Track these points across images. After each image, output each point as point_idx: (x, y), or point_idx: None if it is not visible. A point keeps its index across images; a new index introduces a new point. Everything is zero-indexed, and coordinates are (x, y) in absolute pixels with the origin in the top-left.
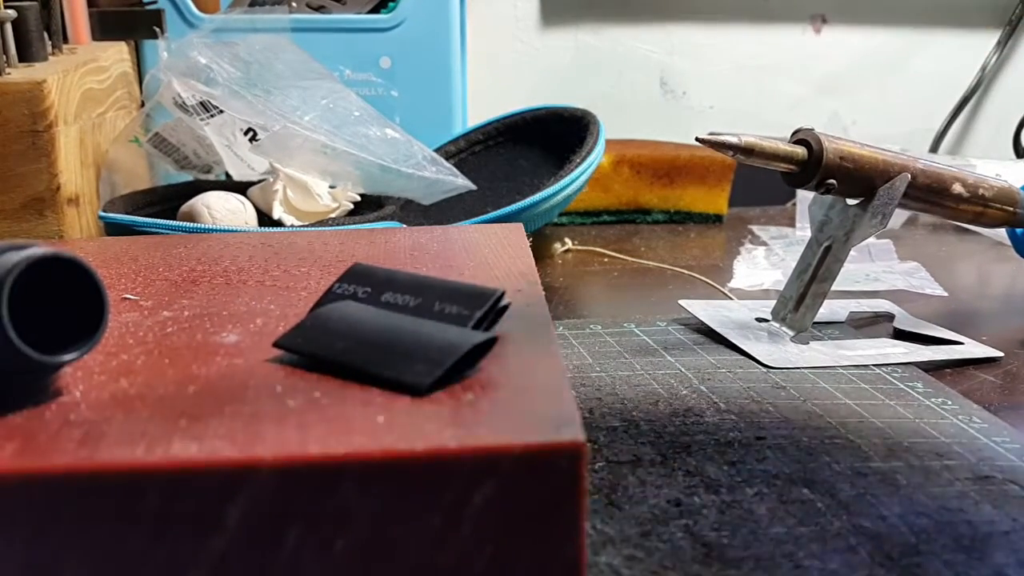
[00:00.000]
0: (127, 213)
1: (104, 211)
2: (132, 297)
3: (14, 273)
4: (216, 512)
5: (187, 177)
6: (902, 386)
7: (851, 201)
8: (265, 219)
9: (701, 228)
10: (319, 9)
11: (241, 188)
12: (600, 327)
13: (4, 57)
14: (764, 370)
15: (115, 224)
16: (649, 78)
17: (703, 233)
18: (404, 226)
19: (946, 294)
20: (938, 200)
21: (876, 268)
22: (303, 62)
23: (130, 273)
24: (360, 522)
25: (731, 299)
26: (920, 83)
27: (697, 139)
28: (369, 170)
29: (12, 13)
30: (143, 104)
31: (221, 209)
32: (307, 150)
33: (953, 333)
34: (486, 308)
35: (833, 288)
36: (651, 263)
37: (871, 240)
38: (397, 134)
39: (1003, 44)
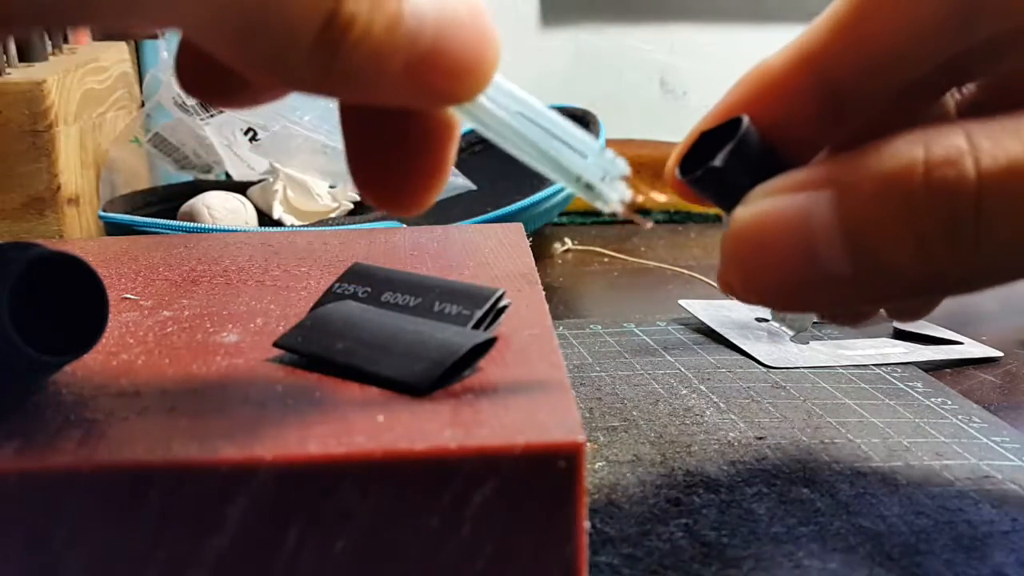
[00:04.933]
0: (127, 213)
1: (104, 211)
2: (132, 297)
3: (14, 273)
4: (216, 512)
5: (187, 177)
6: (902, 386)
7: None
8: (265, 219)
9: (701, 228)
10: None
11: (241, 188)
12: (600, 327)
13: (4, 57)
14: (764, 370)
15: (115, 224)
16: (649, 78)
17: (703, 233)
18: (404, 226)
19: None
20: None
21: None
22: None
23: (130, 273)
24: (360, 522)
25: (731, 299)
26: None
27: None
28: None
29: None
30: (143, 104)
31: (221, 209)
32: (307, 150)
33: (953, 333)
34: (486, 308)
35: None
36: (651, 263)
37: None
38: None
39: None
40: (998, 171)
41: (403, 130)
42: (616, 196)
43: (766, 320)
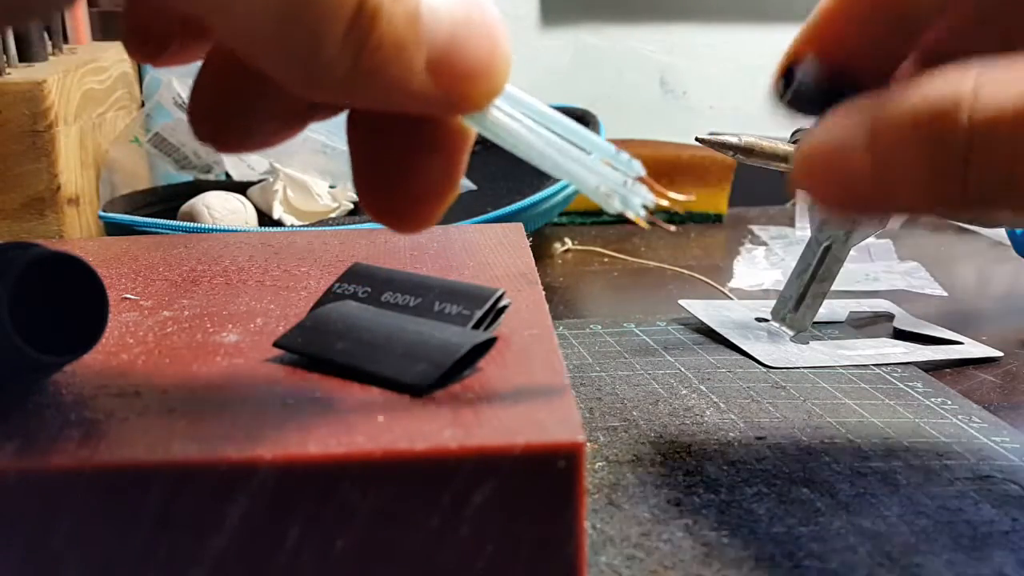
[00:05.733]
0: (127, 213)
1: (104, 211)
2: (132, 297)
3: (14, 273)
4: (216, 512)
5: (187, 177)
6: (902, 386)
7: None
8: (265, 219)
9: (701, 228)
10: None
11: (241, 188)
12: (600, 327)
13: (4, 57)
14: (764, 370)
15: (115, 224)
16: (649, 78)
17: (703, 233)
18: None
19: (946, 294)
20: None
21: (876, 268)
22: None
23: (130, 273)
24: (360, 522)
25: (731, 299)
26: None
27: (697, 139)
28: None
29: None
30: (143, 104)
31: (221, 209)
32: (307, 150)
33: (953, 333)
34: (486, 308)
35: (833, 288)
36: (651, 263)
37: (871, 240)
38: None
39: None
40: (993, 114)
41: (414, 142)
42: (639, 201)
43: (766, 320)
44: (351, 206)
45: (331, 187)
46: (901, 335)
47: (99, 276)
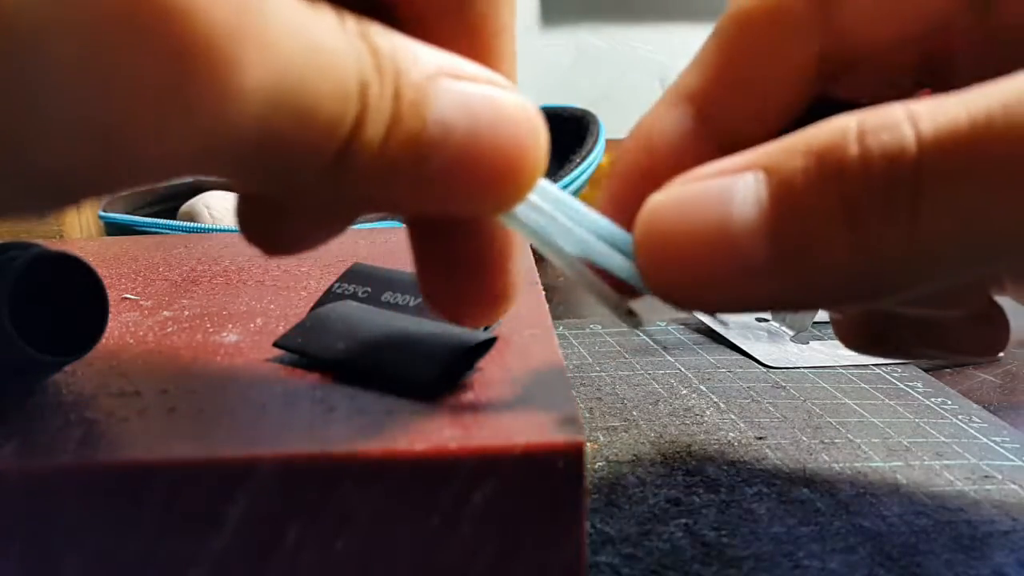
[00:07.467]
0: (127, 213)
1: (104, 211)
2: (132, 297)
3: (15, 273)
4: (216, 511)
5: (187, 177)
6: (902, 386)
7: None
8: None
9: None
10: None
11: None
12: (600, 327)
13: None
14: (764, 370)
15: (115, 224)
16: (649, 78)
17: None
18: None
19: None
20: None
21: None
22: None
23: (130, 273)
24: (360, 521)
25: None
26: None
27: None
28: None
29: None
30: None
31: (221, 209)
32: None
33: None
34: None
35: None
36: None
37: None
38: None
39: None
40: (940, 137)
41: (463, 245)
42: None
43: (766, 320)
44: None
45: None
46: None
47: (99, 276)
